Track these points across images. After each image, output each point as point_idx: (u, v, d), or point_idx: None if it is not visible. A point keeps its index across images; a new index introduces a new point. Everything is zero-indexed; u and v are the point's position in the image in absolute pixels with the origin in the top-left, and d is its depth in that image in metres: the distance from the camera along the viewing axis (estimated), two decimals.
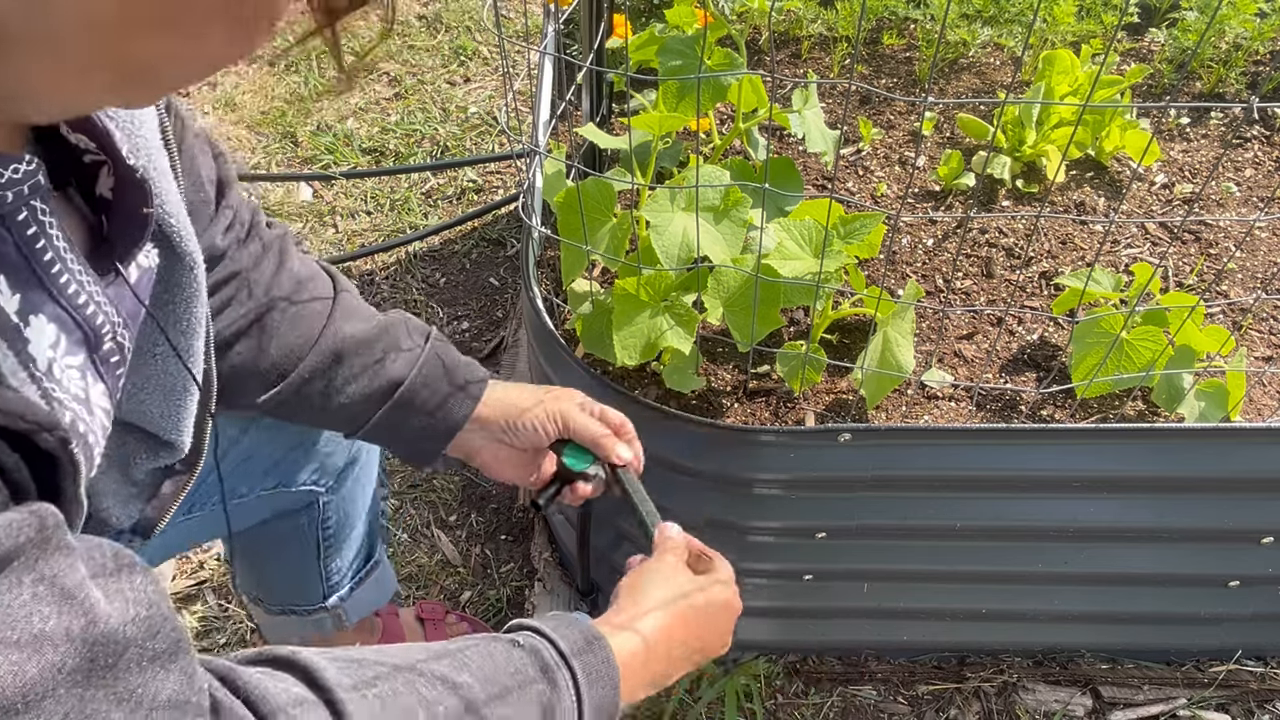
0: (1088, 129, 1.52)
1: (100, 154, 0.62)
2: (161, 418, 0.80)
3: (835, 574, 1.28)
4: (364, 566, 1.24)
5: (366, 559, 1.25)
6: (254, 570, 1.22)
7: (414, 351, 0.94)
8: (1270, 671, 1.40)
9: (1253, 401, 1.28)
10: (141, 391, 0.77)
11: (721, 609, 0.85)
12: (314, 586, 1.20)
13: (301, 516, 1.13)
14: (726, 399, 1.26)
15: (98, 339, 0.61)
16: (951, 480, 1.16)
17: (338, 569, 1.20)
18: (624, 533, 1.28)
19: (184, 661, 0.48)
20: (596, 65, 1.55)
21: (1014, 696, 1.40)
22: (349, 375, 0.92)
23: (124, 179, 0.63)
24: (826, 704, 1.40)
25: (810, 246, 1.16)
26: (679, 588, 0.83)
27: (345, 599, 1.23)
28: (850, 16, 1.76)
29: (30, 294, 0.54)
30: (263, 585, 1.23)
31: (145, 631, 0.47)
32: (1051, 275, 1.41)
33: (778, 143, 1.63)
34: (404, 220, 2.15)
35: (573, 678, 0.70)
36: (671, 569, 0.85)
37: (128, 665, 0.45)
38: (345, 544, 1.18)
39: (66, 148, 0.61)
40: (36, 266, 0.55)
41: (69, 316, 0.58)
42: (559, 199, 1.20)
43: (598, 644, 0.73)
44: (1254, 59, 1.76)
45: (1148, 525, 1.21)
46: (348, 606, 1.24)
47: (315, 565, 1.17)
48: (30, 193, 0.53)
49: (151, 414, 0.79)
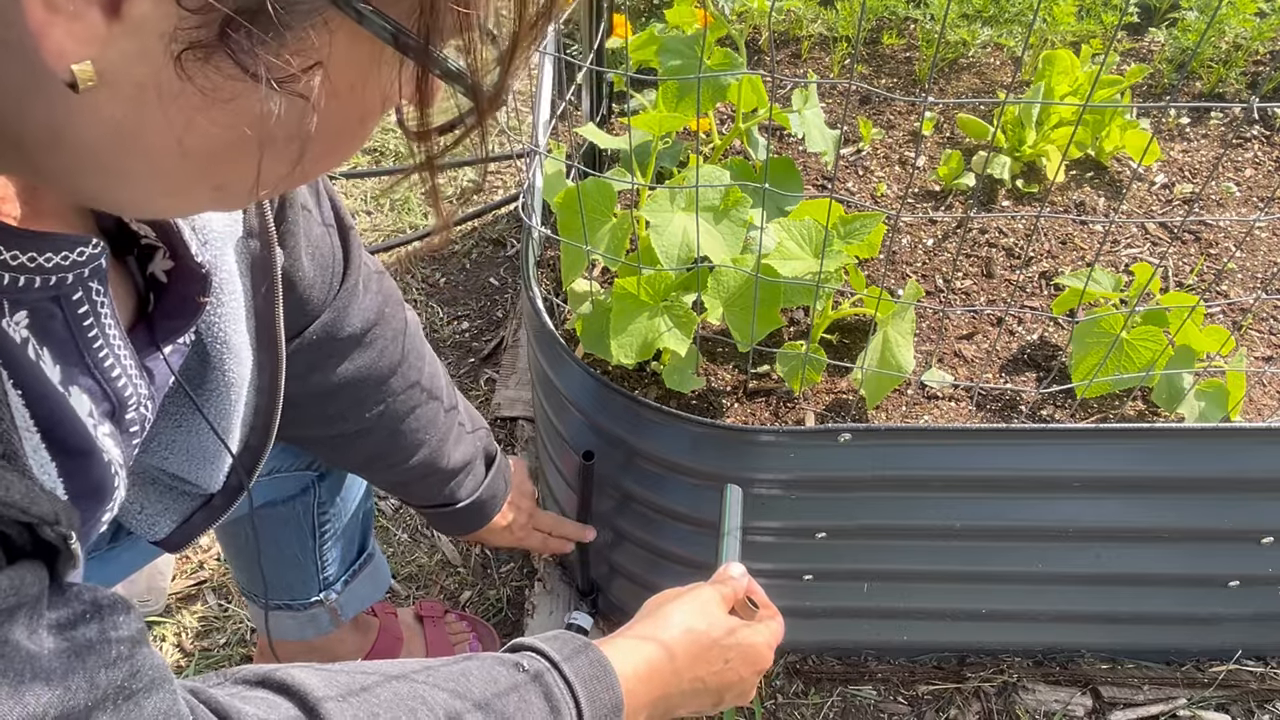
0: (1088, 129, 1.52)
1: (158, 244, 0.62)
2: (183, 470, 0.80)
3: (835, 574, 1.28)
4: (357, 559, 1.25)
5: (360, 550, 1.26)
6: (249, 563, 1.22)
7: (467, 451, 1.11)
8: (1270, 671, 1.40)
9: (1253, 401, 1.28)
10: (164, 450, 0.77)
11: (743, 657, 0.83)
12: (309, 577, 1.20)
13: (296, 503, 1.13)
14: (726, 399, 1.26)
15: (122, 408, 0.61)
16: (951, 480, 1.16)
17: (332, 559, 1.20)
18: (624, 533, 1.29)
19: (162, 694, 0.49)
20: (596, 65, 1.55)
21: (1014, 696, 1.40)
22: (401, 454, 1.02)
23: (183, 267, 0.63)
24: (826, 704, 1.40)
25: (810, 246, 1.16)
26: (704, 620, 0.81)
27: (340, 593, 1.23)
28: (850, 16, 1.76)
29: (69, 366, 0.55)
30: (258, 578, 1.23)
31: (126, 674, 0.47)
32: (1051, 275, 1.41)
33: (778, 143, 1.63)
34: (404, 220, 2.15)
35: (576, 706, 0.69)
36: (705, 602, 0.83)
37: (103, 706, 0.45)
38: (339, 531, 1.19)
39: (128, 230, 0.61)
40: (80, 343, 0.55)
41: (99, 387, 0.58)
42: (559, 199, 1.20)
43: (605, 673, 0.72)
44: (1254, 59, 1.76)
45: (1148, 525, 1.21)
46: (343, 601, 1.24)
47: (311, 553, 1.18)
48: (90, 275, 0.53)
49: (174, 466, 0.79)
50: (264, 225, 0.71)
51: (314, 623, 1.24)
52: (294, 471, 1.09)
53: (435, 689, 0.64)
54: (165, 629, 1.50)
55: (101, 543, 0.92)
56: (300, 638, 1.25)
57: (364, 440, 0.99)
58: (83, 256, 0.52)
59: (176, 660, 1.48)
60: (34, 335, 0.51)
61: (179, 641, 1.50)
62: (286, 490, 1.11)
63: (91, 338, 0.56)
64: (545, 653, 0.71)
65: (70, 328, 0.54)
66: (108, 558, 0.93)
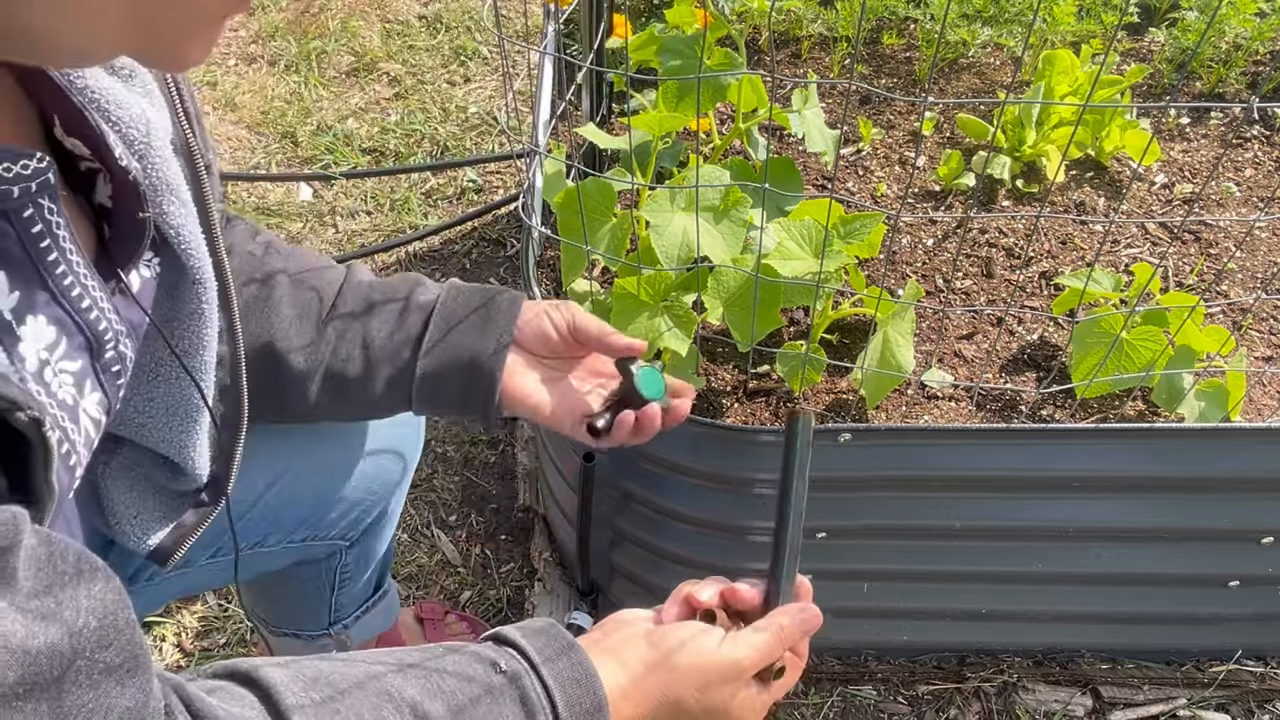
0: (1088, 129, 1.52)
1: (95, 161, 0.61)
2: (166, 440, 0.78)
3: (835, 574, 1.28)
4: (372, 596, 1.23)
5: (375, 588, 1.24)
6: (261, 597, 1.22)
7: (436, 285, 0.90)
8: (1270, 671, 1.40)
9: (1253, 401, 1.28)
10: (143, 414, 0.76)
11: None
12: (321, 616, 1.19)
13: (320, 564, 1.11)
14: (726, 399, 1.26)
15: (100, 345, 0.60)
16: (951, 480, 1.16)
17: (347, 603, 1.19)
18: (624, 532, 1.29)
19: (141, 679, 0.46)
20: (596, 65, 1.55)
21: (1014, 696, 1.40)
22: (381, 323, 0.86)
23: (121, 185, 0.62)
24: (826, 704, 1.40)
25: (810, 246, 1.16)
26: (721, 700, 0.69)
27: (350, 626, 1.22)
28: (850, 16, 1.76)
29: (31, 293, 0.54)
30: (269, 610, 1.23)
31: (96, 643, 0.44)
32: (1051, 275, 1.41)
33: (778, 143, 1.63)
34: (404, 220, 2.15)
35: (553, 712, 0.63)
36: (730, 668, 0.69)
37: (75, 679, 0.43)
38: (358, 583, 1.18)
39: (63, 153, 0.60)
40: (40, 266, 0.54)
41: (70, 319, 0.57)
42: (559, 199, 1.20)
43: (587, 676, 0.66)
44: (1254, 59, 1.76)
45: (1148, 525, 1.21)
46: (352, 633, 1.23)
47: (326, 600, 1.17)
48: (38, 190, 0.53)
49: (156, 435, 0.78)
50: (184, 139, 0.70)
51: (319, 649, 1.23)
52: (327, 540, 1.06)
53: (406, 686, 0.60)
54: (165, 629, 1.50)
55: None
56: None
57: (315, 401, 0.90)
58: (27, 170, 0.51)
59: (176, 660, 1.48)
60: None
61: (179, 642, 1.50)
62: (314, 555, 1.08)
63: (52, 261, 0.55)
64: (526, 652, 0.65)
65: (25, 247, 0.53)
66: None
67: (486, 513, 1.67)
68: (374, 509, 1.08)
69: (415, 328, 0.87)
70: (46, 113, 0.59)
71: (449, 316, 0.87)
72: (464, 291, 0.90)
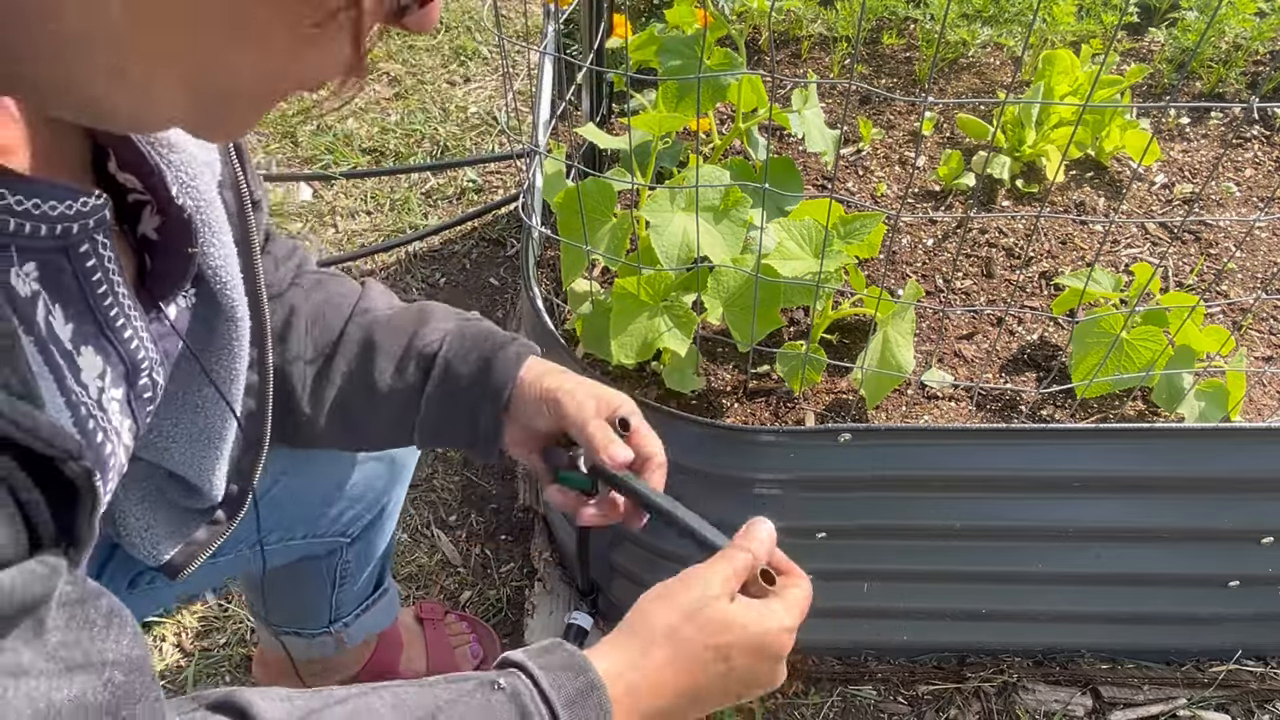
0: (1088, 129, 1.52)
1: (145, 194, 0.62)
2: (186, 463, 0.79)
3: (835, 574, 1.28)
4: (372, 594, 1.24)
5: (375, 586, 1.25)
6: (261, 595, 1.22)
7: (445, 323, 0.89)
8: (1270, 671, 1.40)
9: (1253, 401, 1.28)
10: (166, 438, 0.77)
11: (748, 649, 0.69)
12: (321, 614, 1.20)
13: (321, 562, 1.12)
14: (726, 399, 1.26)
15: (135, 374, 0.61)
16: (951, 480, 1.16)
17: (347, 601, 1.20)
18: (624, 533, 1.28)
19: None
20: (596, 65, 1.55)
21: (1014, 696, 1.40)
22: (386, 361, 0.87)
23: (170, 219, 0.63)
24: (826, 704, 1.40)
25: (810, 246, 1.16)
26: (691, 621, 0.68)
27: (350, 624, 1.23)
28: (850, 16, 1.76)
29: (83, 324, 0.55)
30: (269, 608, 1.23)
31: (123, 696, 0.45)
32: (1051, 275, 1.41)
33: (778, 143, 1.63)
34: (404, 220, 2.15)
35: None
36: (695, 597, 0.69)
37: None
38: (358, 580, 1.19)
39: (114, 186, 0.61)
40: (90, 298, 0.56)
41: (114, 349, 0.58)
42: (559, 199, 1.20)
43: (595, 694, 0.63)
44: (1254, 59, 1.76)
45: (1148, 525, 1.21)
46: (351, 630, 1.23)
47: (326, 598, 1.17)
48: (95, 226, 0.54)
49: (178, 458, 0.78)
50: (234, 176, 0.71)
51: (320, 646, 1.24)
52: (327, 537, 1.07)
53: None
54: (165, 629, 1.50)
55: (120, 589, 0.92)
56: (304, 656, 1.25)
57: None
58: (86, 207, 0.52)
59: (176, 660, 1.48)
60: (45, 290, 0.51)
61: (179, 641, 1.50)
62: (315, 552, 1.09)
63: (101, 294, 0.56)
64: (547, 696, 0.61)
65: (80, 282, 0.54)
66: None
67: (486, 513, 1.67)
68: (374, 506, 1.08)
69: (416, 379, 0.88)
70: (102, 147, 0.61)
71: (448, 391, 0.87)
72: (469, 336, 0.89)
